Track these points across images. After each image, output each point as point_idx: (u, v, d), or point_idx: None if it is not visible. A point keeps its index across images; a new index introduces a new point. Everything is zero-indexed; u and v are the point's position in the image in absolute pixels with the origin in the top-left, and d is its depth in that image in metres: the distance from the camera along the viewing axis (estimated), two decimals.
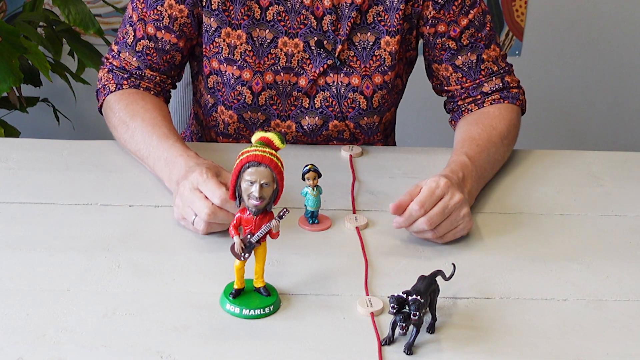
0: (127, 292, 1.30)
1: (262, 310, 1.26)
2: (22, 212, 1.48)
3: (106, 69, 1.72)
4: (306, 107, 1.71)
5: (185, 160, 1.49)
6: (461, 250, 1.43)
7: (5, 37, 2.30)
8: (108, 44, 2.72)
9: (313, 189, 1.45)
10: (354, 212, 1.52)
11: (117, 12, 2.82)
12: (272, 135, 1.22)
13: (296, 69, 1.68)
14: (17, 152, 1.66)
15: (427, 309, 1.22)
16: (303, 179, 1.45)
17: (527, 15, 3.17)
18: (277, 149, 1.22)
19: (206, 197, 1.38)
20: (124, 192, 1.54)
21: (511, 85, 1.74)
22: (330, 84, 1.69)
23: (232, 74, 1.68)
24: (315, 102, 1.70)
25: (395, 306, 1.18)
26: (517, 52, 3.21)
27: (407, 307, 1.18)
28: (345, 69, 1.68)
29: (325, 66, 1.67)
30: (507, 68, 1.75)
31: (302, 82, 1.69)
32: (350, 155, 1.70)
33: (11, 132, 2.55)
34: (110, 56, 1.72)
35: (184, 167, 1.47)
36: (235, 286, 1.27)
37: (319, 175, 1.45)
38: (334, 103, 1.70)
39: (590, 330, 1.27)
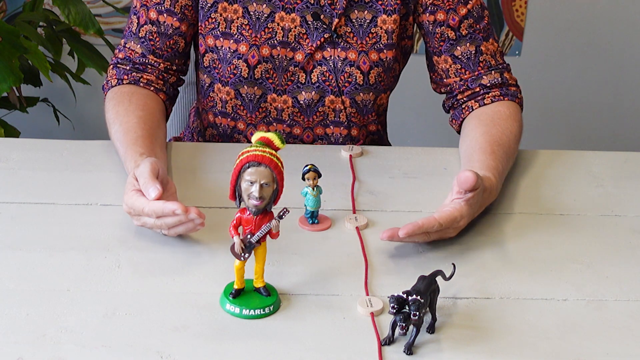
0: (127, 292, 1.30)
1: (262, 310, 1.26)
2: (22, 212, 1.48)
3: (112, 65, 1.75)
4: (302, 82, 1.73)
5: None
6: (461, 250, 1.43)
7: (5, 37, 2.30)
8: (108, 43, 2.72)
9: (313, 189, 1.45)
10: (354, 212, 1.52)
11: (117, 12, 2.82)
12: (272, 135, 1.22)
13: (293, 44, 1.70)
14: (17, 152, 1.66)
15: (427, 309, 1.22)
16: (303, 179, 1.45)
17: (527, 15, 3.17)
18: (277, 149, 1.22)
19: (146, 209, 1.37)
20: (124, 192, 1.54)
21: (510, 82, 1.75)
22: (328, 58, 1.71)
23: (229, 47, 1.70)
24: (312, 76, 1.72)
25: (395, 306, 1.18)
26: (517, 52, 3.21)
27: (407, 307, 1.18)
28: (342, 43, 1.70)
29: (322, 40, 1.69)
30: (505, 65, 1.76)
31: (299, 56, 1.70)
32: (350, 155, 1.70)
33: (11, 132, 2.55)
34: (117, 50, 1.75)
35: None
36: (235, 286, 1.27)
37: (319, 175, 1.45)
38: (330, 77, 1.71)
39: (590, 330, 1.27)
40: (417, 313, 1.17)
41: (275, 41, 1.70)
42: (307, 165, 1.45)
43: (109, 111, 1.67)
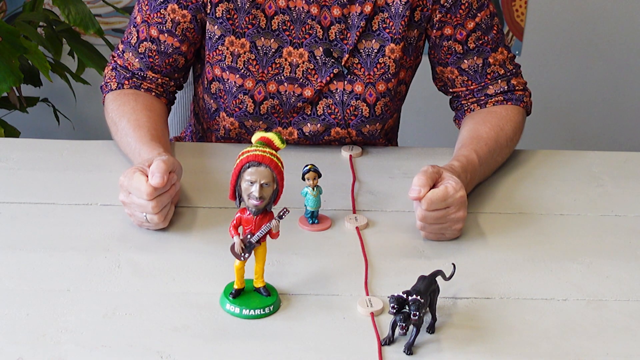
0: (127, 292, 1.30)
1: (262, 310, 1.26)
2: (22, 212, 1.48)
3: (111, 67, 1.73)
4: (308, 114, 1.70)
5: None
6: (461, 250, 1.43)
7: (5, 37, 2.30)
8: (108, 43, 2.72)
9: (313, 189, 1.45)
10: (354, 212, 1.52)
11: (117, 12, 2.82)
12: (272, 135, 1.22)
13: (301, 80, 1.67)
14: (17, 152, 1.66)
15: (427, 309, 1.22)
16: (303, 179, 1.45)
17: (527, 15, 3.17)
18: (277, 149, 1.22)
19: (140, 189, 1.39)
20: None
21: (516, 87, 1.73)
22: (334, 91, 1.68)
23: (235, 82, 1.66)
24: (318, 109, 1.69)
25: (395, 306, 1.18)
26: (517, 52, 3.21)
27: (407, 307, 1.18)
28: (349, 76, 1.67)
29: (332, 75, 1.66)
30: (514, 70, 1.74)
31: (308, 92, 1.67)
32: (350, 155, 1.70)
33: (11, 132, 2.55)
34: (116, 54, 1.73)
35: None
36: (235, 286, 1.27)
37: (319, 175, 1.45)
38: (336, 110, 1.69)
39: (590, 330, 1.27)
40: (417, 313, 1.17)
41: (283, 77, 1.66)
42: (307, 165, 1.45)
43: (113, 111, 1.66)
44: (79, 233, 1.43)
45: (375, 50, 1.66)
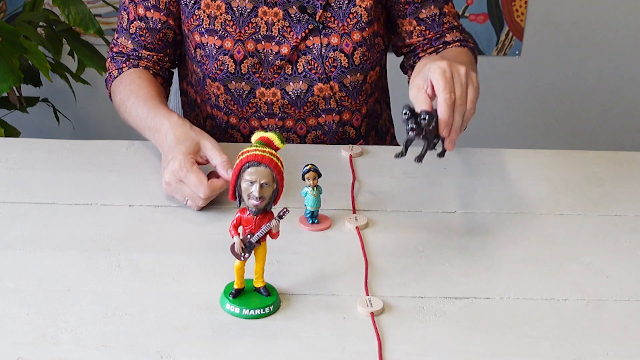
0: (127, 292, 1.30)
1: (262, 310, 1.26)
2: (22, 212, 1.48)
3: (109, 59, 1.80)
4: (289, 73, 1.74)
5: (168, 129, 1.55)
6: (461, 250, 1.43)
7: (5, 37, 2.31)
8: (108, 44, 2.72)
9: (313, 189, 1.45)
10: (354, 212, 1.52)
11: (117, 12, 2.82)
12: (272, 135, 1.22)
13: (277, 38, 1.71)
14: (17, 152, 1.66)
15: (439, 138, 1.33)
16: (303, 179, 1.45)
17: (527, 15, 3.17)
18: (277, 149, 1.22)
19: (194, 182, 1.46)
20: (124, 192, 1.54)
21: (468, 39, 1.81)
22: (311, 46, 1.72)
23: (214, 44, 1.71)
24: (298, 66, 1.73)
25: (408, 112, 1.27)
26: (517, 52, 3.21)
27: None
28: (324, 30, 1.72)
29: (307, 31, 1.70)
30: (462, 27, 1.82)
31: (284, 50, 1.72)
32: (350, 155, 1.70)
33: (11, 132, 2.55)
34: (112, 44, 1.80)
35: (167, 139, 1.54)
36: (235, 286, 1.27)
37: (319, 175, 1.45)
38: (316, 65, 1.73)
39: (590, 330, 1.27)
40: (427, 118, 1.28)
41: (260, 36, 1.71)
42: (307, 165, 1.45)
43: (120, 92, 1.71)
44: (79, 233, 1.43)
45: (347, 1, 1.71)
